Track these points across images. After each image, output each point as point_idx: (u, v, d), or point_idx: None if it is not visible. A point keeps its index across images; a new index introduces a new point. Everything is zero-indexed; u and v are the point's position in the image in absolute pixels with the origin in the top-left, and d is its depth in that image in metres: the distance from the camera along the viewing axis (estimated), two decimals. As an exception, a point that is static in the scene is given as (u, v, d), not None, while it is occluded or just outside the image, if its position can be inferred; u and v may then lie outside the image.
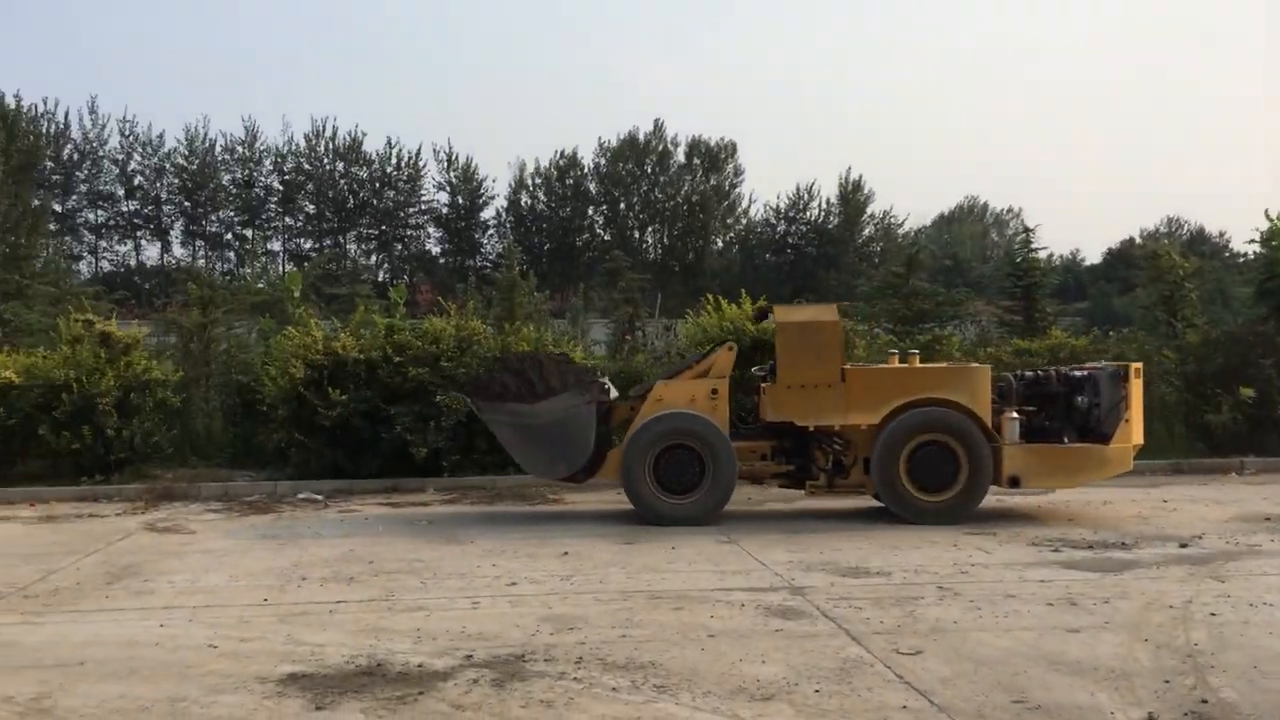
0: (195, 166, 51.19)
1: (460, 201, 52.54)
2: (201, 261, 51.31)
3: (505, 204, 52.98)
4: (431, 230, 53.83)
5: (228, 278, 41.10)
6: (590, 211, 53.27)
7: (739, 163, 53.71)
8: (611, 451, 9.84)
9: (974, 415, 9.41)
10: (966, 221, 63.94)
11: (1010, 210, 64.22)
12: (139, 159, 51.31)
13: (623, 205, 53.01)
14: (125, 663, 5.33)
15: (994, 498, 10.69)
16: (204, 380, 14.51)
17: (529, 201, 52.98)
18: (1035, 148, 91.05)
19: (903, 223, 53.91)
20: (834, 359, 9.63)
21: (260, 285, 23.69)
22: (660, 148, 52.75)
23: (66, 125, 49.63)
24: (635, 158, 52.59)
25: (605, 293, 29.25)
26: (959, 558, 7.81)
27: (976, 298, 23.87)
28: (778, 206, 53.08)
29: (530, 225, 52.26)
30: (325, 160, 51.97)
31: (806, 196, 52.72)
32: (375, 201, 52.24)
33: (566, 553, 8.11)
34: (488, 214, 53.20)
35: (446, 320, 13.18)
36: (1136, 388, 9.53)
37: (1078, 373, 9.97)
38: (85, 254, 53.45)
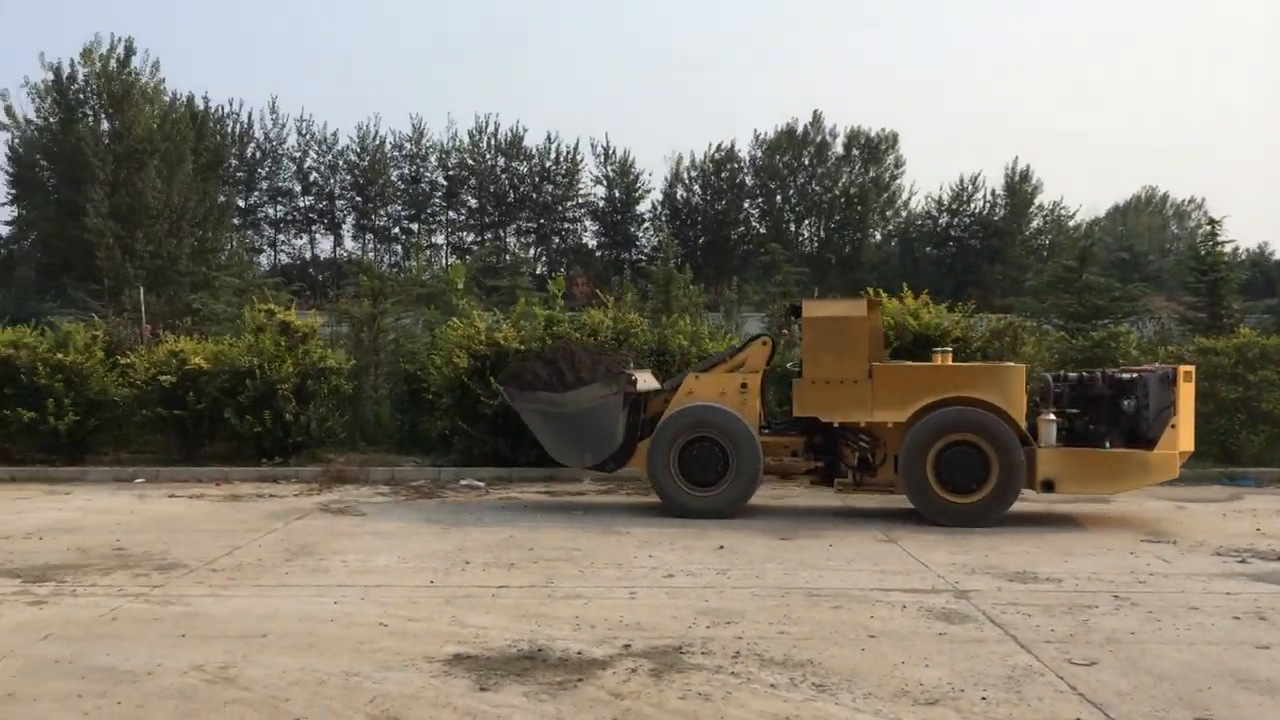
0: (366, 163, 53.30)
1: (617, 195, 53.11)
2: (370, 254, 53.40)
3: (661, 197, 53.27)
4: (588, 223, 54.59)
5: (394, 270, 42.64)
6: (746, 204, 53.04)
7: (900, 154, 52.52)
8: (642, 442, 9.89)
9: (1006, 415, 9.14)
10: (1144, 213, 60.75)
11: (1192, 201, 60.67)
12: (314, 156, 53.79)
13: (779, 198, 52.56)
14: (303, 637, 5.59)
15: (1173, 504, 10.17)
16: (373, 368, 15.07)
17: (684, 195, 53.12)
18: (1216, 134, 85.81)
19: (1074, 214, 51.61)
20: (861, 355, 9.47)
21: (425, 277, 24.52)
22: (819, 139, 52.07)
23: (249, 125, 52.46)
24: (793, 150, 52.06)
25: (760, 286, 29.05)
26: (1136, 566, 7.43)
27: (1155, 293, 22.65)
28: (940, 198, 51.64)
29: (685, 218, 52.39)
30: (487, 156, 53.32)
31: (971, 187, 51.12)
32: (534, 195, 53.32)
33: (722, 546, 8.09)
34: (643, 207, 53.58)
35: (604, 313, 13.33)
36: (1186, 391, 9.10)
37: (1125, 375, 9.57)
38: (265, 247, 56.38)
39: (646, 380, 10.43)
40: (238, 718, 4.40)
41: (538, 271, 45.96)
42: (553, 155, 52.97)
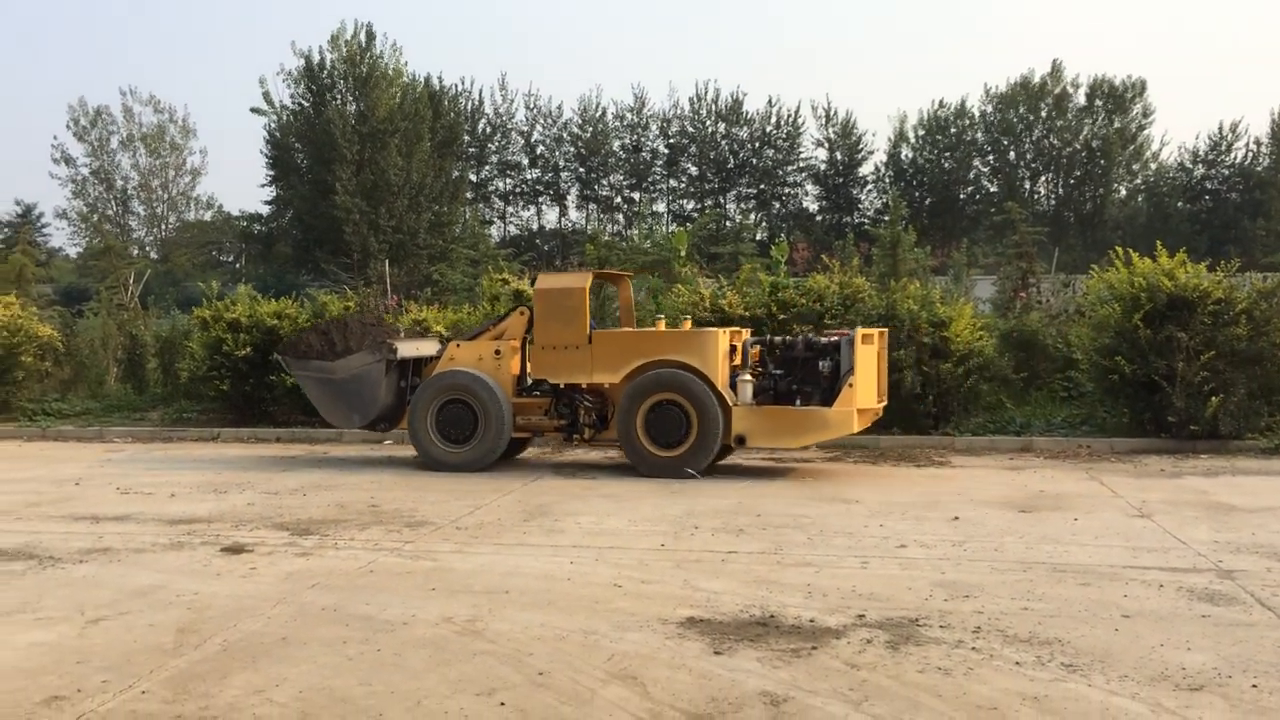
0: (589, 135, 54.40)
1: (838, 158, 52.07)
2: (594, 224, 54.57)
3: (884, 158, 51.83)
4: (809, 187, 53.83)
5: (617, 238, 43.40)
6: (975, 162, 50.83)
7: (1148, 102, 48.91)
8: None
9: (704, 376, 9.80)
10: None
11: None
12: (541, 130, 55.36)
13: (1012, 154, 50.08)
14: (543, 594, 5.81)
15: None
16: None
17: (909, 155, 51.45)
18: None
19: (1352, 161, 46.64)
20: (582, 322, 10.19)
21: (647, 245, 24.85)
22: (1057, 90, 49.13)
23: (480, 102, 54.53)
24: (1028, 102, 49.38)
25: (991, 247, 27.84)
26: None
27: None
28: (1195, 149, 47.80)
29: (910, 179, 50.76)
30: (707, 122, 53.33)
31: (1230, 136, 47.03)
32: (755, 161, 53.00)
33: (957, 518, 7.82)
34: (866, 169, 52.33)
35: (829, 278, 13.10)
36: (866, 353, 9.78)
37: (823, 339, 10.13)
38: (495, 219, 58.64)
39: (423, 347, 11.27)
40: (486, 669, 4.61)
41: (758, 237, 45.74)
42: (773, 119, 52.45)
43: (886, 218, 23.75)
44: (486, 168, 56.12)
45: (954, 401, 12.30)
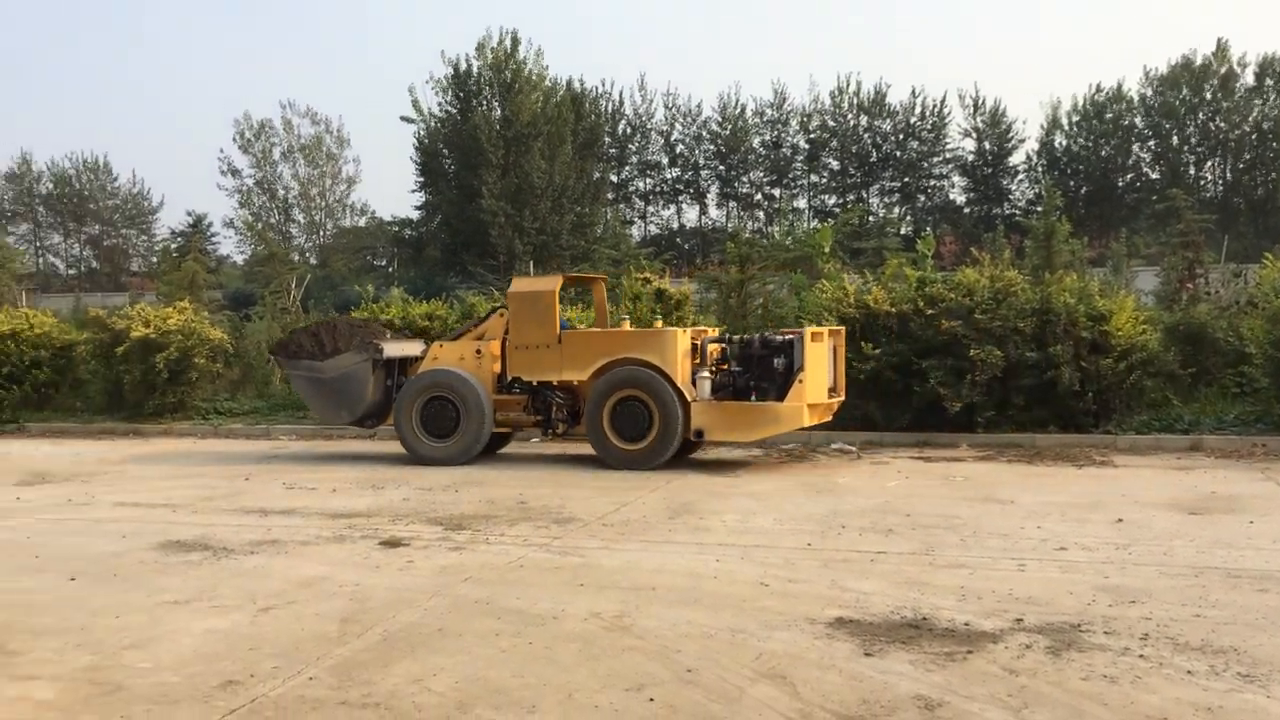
0: (728, 132, 54.25)
1: (987, 147, 50.53)
2: (734, 222, 54.43)
3: (1036, 146, 50.00)
4: (956, 179, 52.42)
5: (758, 236, 43.13)
6: (1135, 148, 48.56)
7: (1324, 79, 45.76)
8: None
9: (664, 374, 10.25)
10: None
11: None
12: (680, 128, 55.49)
13: (1175, 139, 47.63)
14: (689, 591, 5.82)
15: None
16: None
17: (1063, 142, 49.50)
18: None
19: None
20: (552, 323, 10.71)
21: (788, 242, 24.62)
22: (1223, 70, 46.49)
23: (620, 103, 55.02)
24: (1191, 84, 46.88)
25: (1153, 237, 26.54)
26: None
27: None
28: (1376, 127, 44.51)
29: (1065, 167, 48.82)
30: (849, 116, 52.53)
31: None
32: (899, 154, 51.92)
33: (1121, 520, 7.49)
34: (1016, 159, 50.60)
35: (979, 271, 12.73)
36: (816, 351, 10.12)
37: (778, 338, 10.50)
38: (636, 219, 59.08)
39: (407, 348, 11.71)
40: (635, 664, 4.65)
41: (902, 231, 44.78)
42: (917, 110, 51.27)
43: (1039, 208, 22.92)
44: (627, 168, 56.60)
45: (1115, 399, 11.78)
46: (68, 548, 7.29)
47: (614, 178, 54.43)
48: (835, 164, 53.62)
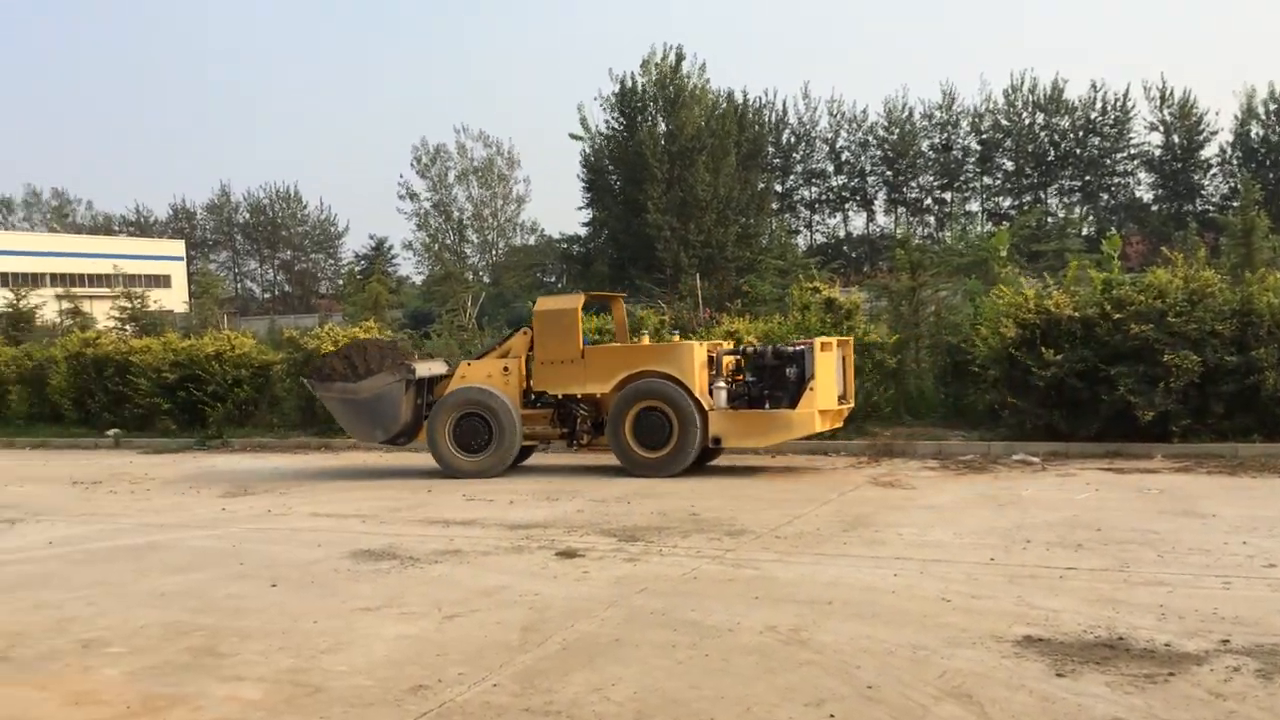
0: (895, 136, 53.18)
1: (1175, 141, 47.90)
2: (902, 228, 53.28)
3: (1230, 138, 47.03)
4: (1142, 175, 49.85)
5: (928, 241, 42.09)
6: (1344, 134, 45.13)
7: None
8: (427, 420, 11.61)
9: (683, 385, 10.68)
10: None
11: None
12: (845, 135, 54.78)
13: (1389, 123, 44.02)
14: (866, 606, 5.70)
15: None
16: (914, 341, 14.99)
17: (1260, 132, 46.39)
18: None
19: None
20: (575, 339, 11.19)
21: (961, 247, 23.91)
22: None
23: (784, 112, 54.70)
24: (1407, 62, 43.19)
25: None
26: None
27: None
28: None
29: (1263, 159, 45.75)
30: (1024, 114, 50.71)
31: None
32: (1078, 151, 49.81)
33: (1338, 535, 6.94)
34: (1209, 151, 47.71)
35: (1172, 272, 12.03)
36: (825, 360, 10.59)
37: (789, 348, 10.96)
38: (801, 228, 58.59)
39: (433, 368, 12.23)
40: (813, 679, 4.59)
41: (1085, 232, 42.85)
42: (1098, 105, 49.11)
43: (1236, 203, 21.53)
44: (791, 177, 56.22)
45: (1329, 405, 10.92)
46: (269, 556, 7.73)
47: (778, 187, 54.12)
48: (1010, 164, 51.82)
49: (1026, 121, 50.44)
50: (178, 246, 79.19)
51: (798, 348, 10.87)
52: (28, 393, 18.53)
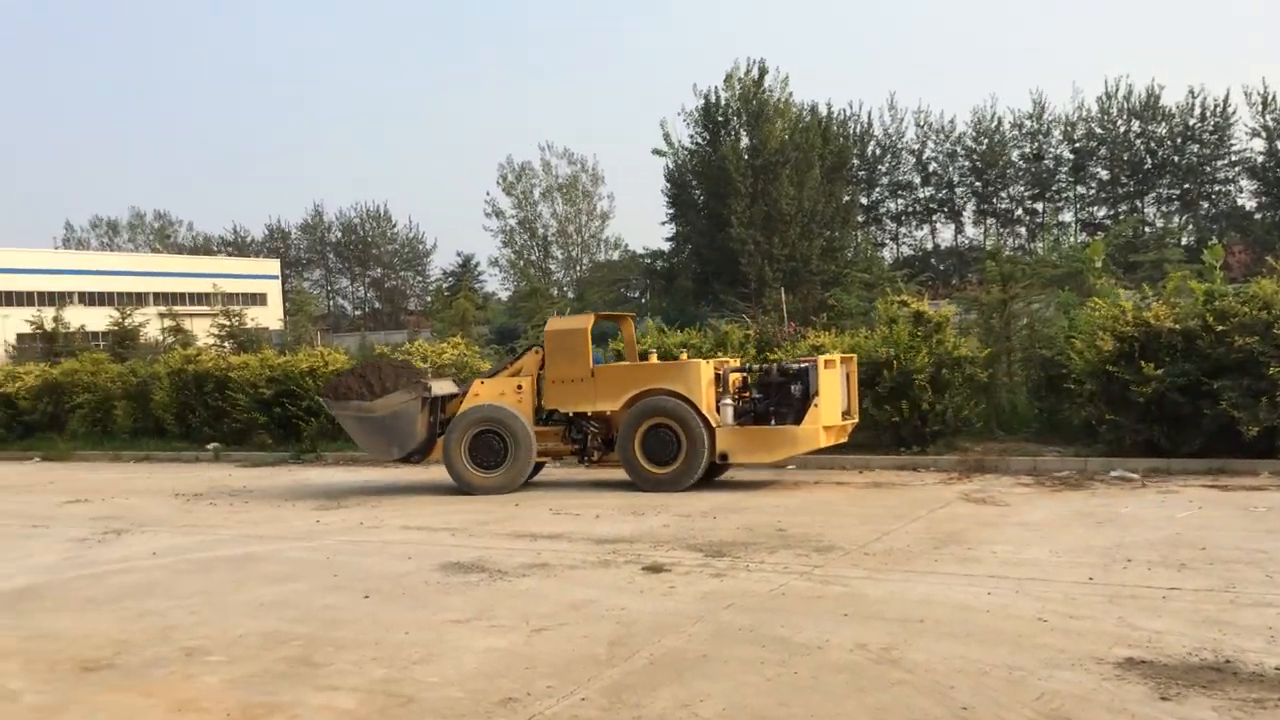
0: (984, 147, 52.31)
1: (1279, 147, 46.17)
2: (992, 239, 52.30)
3: (1340, 141, 45.25)
4: (1244, 183, 48.19)
5: (1019, 252, 41.26)
6: None
7: None
8: (441, 437, 11.75)
9: (691, 402, 10.96)
10: None
11: None
12: (933, 147, 54.06)
13: None
14: (960, 625, 5.59)
15: None
16: (1006, 355, 14.69)
17: (1373, 134, 44.56)
18: None
19: None
20: (585, 358, 11.47)
21: (1054, 258, 23.37)
22: None
23: (869, 124, 54.19)
24: None
25: None
26: None
27: None
28: None
29: (1376, 162, 43.92)
30: (1119, 121, 49.46)
31: None
32: (1176, 159, 48.38)
33: None
34: (1316, 156, 45.94)
35: (1277, 282, 11.59)
36: (829, 377, 10.89)
37: (794, 365, 11.27)
38: (887, 241, 57.92)
39: (444, 386, 12.37)
40: (905, 699, 4.51)
41: (1184, 242, 41.58)
42: (1197, 111, 47.62)
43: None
44: (877, 190, 55.64)
45: None
46: (362, 568, 7.88)
47: (864, 200, 53.59)
48: (1104, 173, 50.57)
49: (1121, 129, 49.17)
50: (273, 265, 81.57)
51: (802, 365, 11.14)
52: (133, 408, 19.16)
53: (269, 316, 53.56)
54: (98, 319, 31.25)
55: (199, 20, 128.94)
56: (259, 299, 70.32)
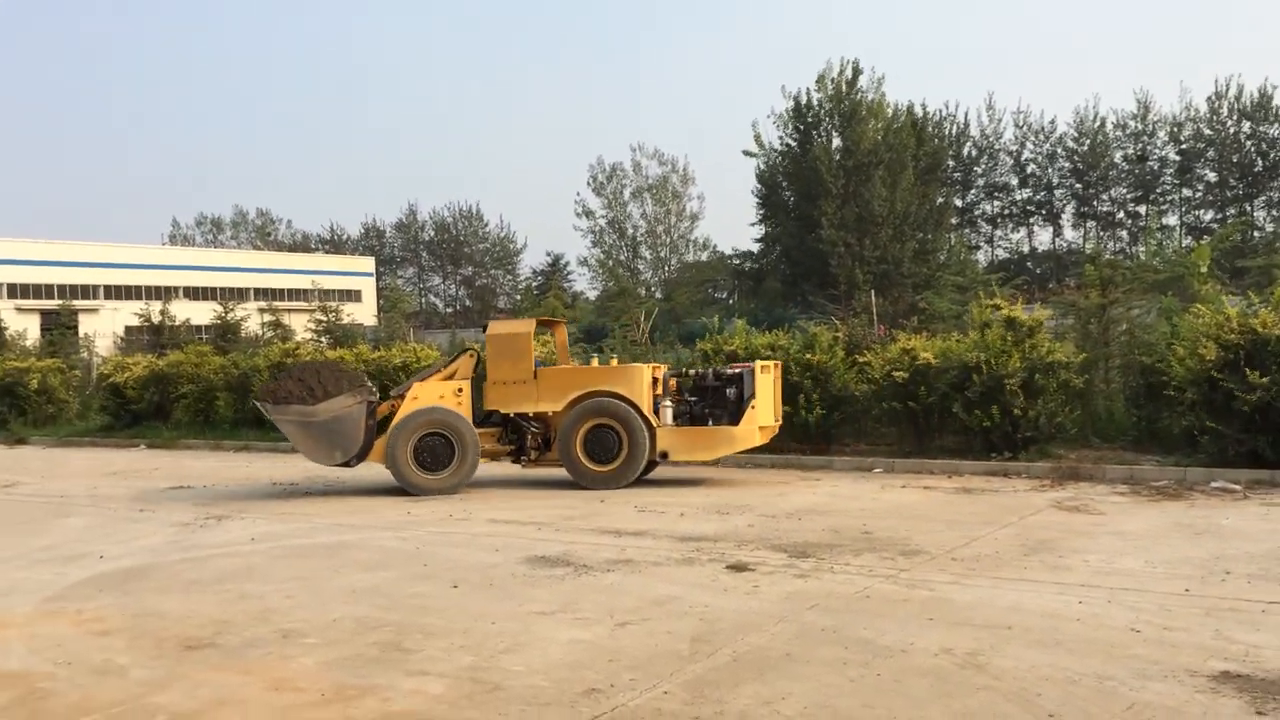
0: (1085, 148, 51.03)
1: (1402, 146, 44.15)
2: (1092, 242, 51.02)
3: None
4: (1365, 184, 46.16)
5: (1120, 256, 40.17)
6: None
7: None
8: (378, 440, 11.80)
9: (632, 403, 11.58)
10: None
11: None
12: (1031, 147, 52.91)
13: None
14: (1049, 633, 5.50)
15: None
16: (1103, 361, 14.32)
17: None
18: None
19: None
20: (528, 361, 11.99)
21: (1156, 263, 22.70)
22: None
23: (966, 125, 53.24)
24: None
25: None
26: None
27: None
28: None
29: None
30: (1228, 123, 47.78)
31: None
32: (1290, 160, 46.51)
33: None
34: None
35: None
36: (764, 381, 11.72)
37: (730, 370, 12.08)
38: (982, 244, 56.81)
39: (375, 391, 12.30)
40: (991, 705, 4.46)
41: (1295, 247, 39.97)
42: (1312, 111, 45.67)
43: None
44: (973, 191, 54.64)
45: None
46: (450, 558, 8.05)
47: (958, 202, 52.70)
48: (1212, 175, 48.92)
49: (1231, 130, 47.47)
50: (368, 263, 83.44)
51: (736, 370, 12.01)
52: (234, 399, 19.80)
53: (364, 313, 54.84)
54: (202, 313, 32.34)
55: (298, 21, 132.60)
56: (354, 295, 72.07)
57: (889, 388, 13.35)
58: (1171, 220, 50.07)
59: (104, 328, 39.81)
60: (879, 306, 21.60)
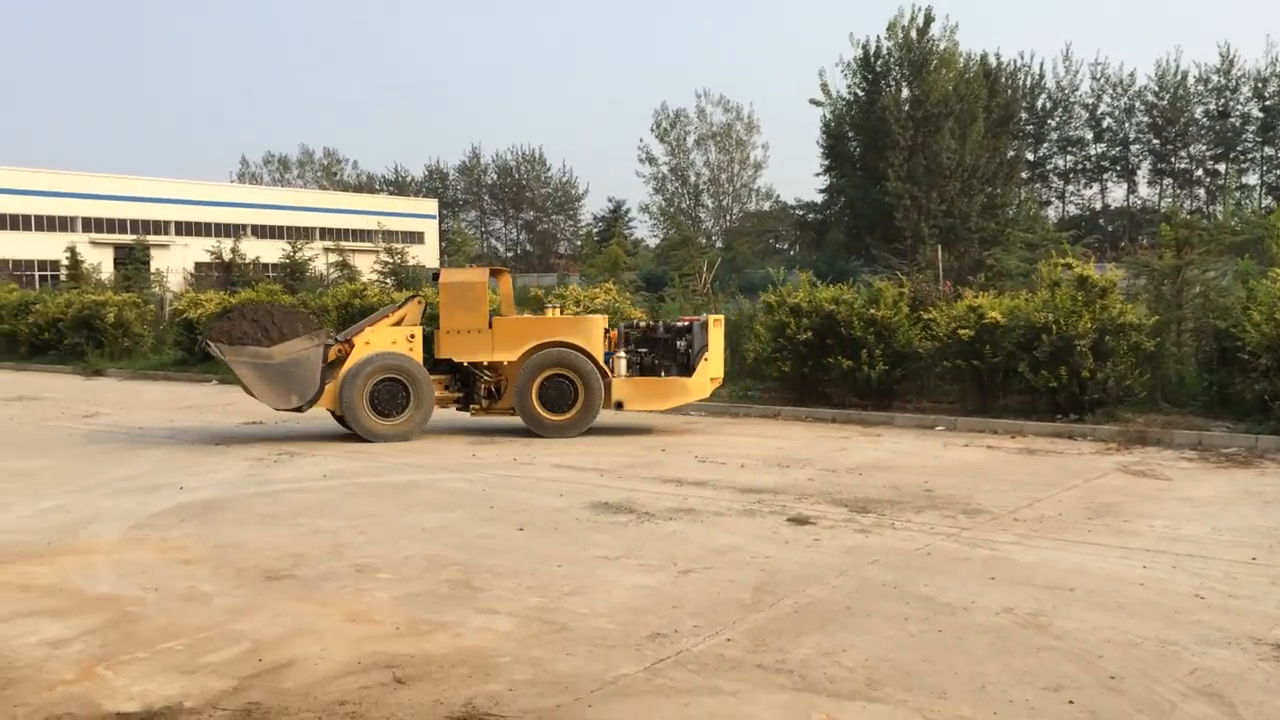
0: (1165, 102, 49.59)
1: None
2: (1168, 201, 49.77)
3: None
4: None
5: (1197, 216, 39.15)
6: None
7: None
8: (329, 385, 11.57)
9: (589, 354, 11.86)
10: None
11: None
12: (1108, 101, 51.54)
13: None
14: (1111, 596, 5.52)
15: None
16: (1176, 324, 14.05)
17: None
18: None
19: None
20: (483, 310, 12.01)
21: (1234, 223, 22.10)
22: None
23: (1041, 76, 51.92)
24: None
25: None
26: None
27: None
28: None
29: None
30: (1316, 78, 46.06)
31: None
32: (1380, 119, 44.81)
33: None
34: None
35: None
36: (715, 334, 12.27)
37: (680, 323, 12.72)
38: (1053, 199, 55.66)
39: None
40: (1051, 664, 4.51)
41: (1383, 210, 38.62)
42: (1407, 67, 43.83)
43: None
44: (1045, 145, 53.45)
45: None
46: (516, 501, 8.24)
47: (1030, 156, 51.59)
48: (1296, 134, 47.22)
49: (1319, 86, 45.81)
50: (431, 205, 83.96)
51: (685, 323, 12.57)
52: (302, 338, 20.18)
53: (427, 255, 55.30)
54: (270, 251, 32.89)
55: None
56: (417, 237, 72.68)
57: (954, 345, 13.23)
58: (1252, 180, 48.65)
59: (175, 263, 40.72)
60: (945, 262, 21.29)
